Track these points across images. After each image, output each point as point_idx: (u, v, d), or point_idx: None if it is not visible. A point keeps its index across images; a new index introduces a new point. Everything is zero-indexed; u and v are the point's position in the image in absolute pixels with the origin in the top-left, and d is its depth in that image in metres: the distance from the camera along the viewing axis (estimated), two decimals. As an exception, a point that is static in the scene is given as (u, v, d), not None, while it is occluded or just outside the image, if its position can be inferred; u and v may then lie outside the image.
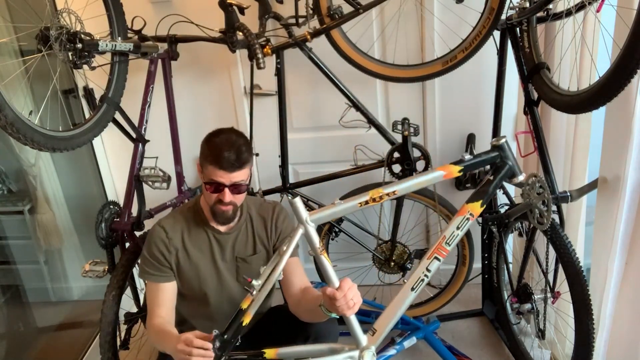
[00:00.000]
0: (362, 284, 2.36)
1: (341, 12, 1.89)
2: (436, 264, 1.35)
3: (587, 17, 1.52)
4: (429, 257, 1.35)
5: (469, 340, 2.23)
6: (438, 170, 1.35)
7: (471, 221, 1.36)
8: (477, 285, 2.32)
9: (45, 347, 2.39)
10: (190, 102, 2.42)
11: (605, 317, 1.61)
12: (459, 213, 1.37)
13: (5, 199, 2.42)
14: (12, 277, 2.43)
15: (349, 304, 1.26)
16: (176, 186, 2.17)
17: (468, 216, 1.35)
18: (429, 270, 1.36)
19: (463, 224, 1.36)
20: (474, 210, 1.36)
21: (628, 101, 1.37)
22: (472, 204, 1.37)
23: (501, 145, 1.40)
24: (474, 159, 1.38)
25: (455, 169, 1.35)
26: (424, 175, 1.35)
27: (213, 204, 1.51)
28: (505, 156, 1.39)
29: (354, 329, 1.36)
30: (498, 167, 1.40)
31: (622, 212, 1.47)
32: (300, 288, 1.54)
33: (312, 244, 1.32)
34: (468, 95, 2.29)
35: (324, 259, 1.30)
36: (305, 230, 1.31)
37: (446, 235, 1.36)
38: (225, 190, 1.46)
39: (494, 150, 1.40)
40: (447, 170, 1.35)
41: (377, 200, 1.32)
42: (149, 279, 1.56)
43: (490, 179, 1.39)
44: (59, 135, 1.49)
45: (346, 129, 2.10)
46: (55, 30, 1.45)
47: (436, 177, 1.36)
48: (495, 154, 1.40)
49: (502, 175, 1.39)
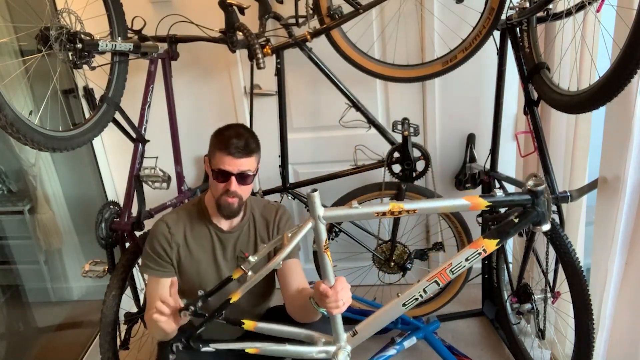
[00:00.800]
0: (362, 284, 2.37)
1: (341, 12, 1.89)
2: (434, 287, 1.33)
3: (587, 17, 1.52)
4: (429, 279, 1.33)
5: (469, 340, 2.23)
6: (464, 199, 1.28)
7: (482, 257, 1.30)
8: (477, 285, 2.33)
9: (45, 347, 2.39)
10: (190, 102, 2.42)
11: (605, 317, 1.61)
12: (472, 245, 1.31)
13: (5, 199, 2.42)
14: (12, 277, 2.43)
15: (338, 304, 1.26)
16: (176, 186, 2.17)
17: (480, 251, 1.29)
18: (425, 291, 1.33)
19: (473, 258, 1.30)
20: (488, 247, 1.29)
21: (628, 101, 1.37)
22: (488, 240, 1.30)
23: (537, 192, 1.28)
24: (505, 196, 1.29)
25: (482, 203, 1.27)
26: (449, 200, 1.29)
27: (219, 196, 1.51)
28: (538, 203, 1.29)
29: (336, 325, 1.36)
30: (526, 211, 1.29)
31: (622, 212, 1.47)
32: (298, 288, 1.54)
33: (319, 240, 1.30)
34: (468, 96, 2.29)
35: (326, 257, 1.30)
36: (316, 225, 1.29)
37: (453, 263, 1.32)
38: (232, 179, 1.48)
39: (528, 193, 1.29)
40: (474, 202, 1.26)
41: (394, 214, 1.27)
42: (150, 273, 1.56)
43: (514, 221, 1.30)
44: (59, 135, 1.49)
45: (346, 129, 2.10)
46: (55, 30, 1.45)
47: (462, 206, 1.28)
48: (528, 197, 1.28)
49: (527, 221, 1.29)
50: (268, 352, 1.37)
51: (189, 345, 1.37)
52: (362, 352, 2.06)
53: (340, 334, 1.37)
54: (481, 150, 2.32)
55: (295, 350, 1.36)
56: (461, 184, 2.38)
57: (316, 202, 1.29)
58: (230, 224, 1.61)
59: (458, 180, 2.40)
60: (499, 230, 1.31)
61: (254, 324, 1.39)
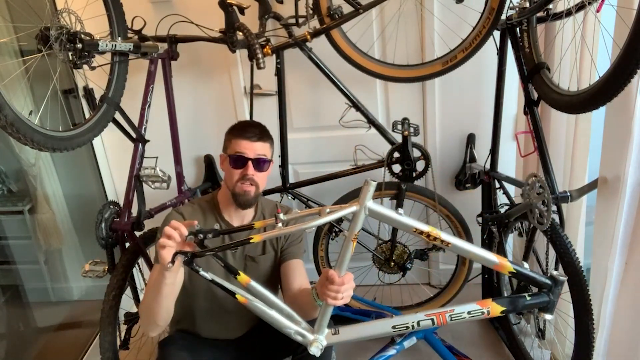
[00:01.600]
0: (362, 284, 2.37)
1: (341, 12, 1.89)
2: (428, 324, 1.34)
3: (587, 17, 1.52)
4: (427, 316, 1.34)
5: (469, 340, 2.23)
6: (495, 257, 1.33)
7: (484, 317, 1.34)
8: (477, 285, 2.32)
9: (45, 347, 2.39)
10: (190, 102, 2.42)
11: (605, 317, 1.61)
12: (479, 303, 1.34)
13: (5, 199, 2.42)
14: (12, 277, 2.43)
15: (338, 297, 1.26)
16: (176, 186, 2.17)
17: (485, 311, 1.33)
18: (419, 324, 1.34)
19: (476, 314, 1.33)
20: (494, 310, 1.33)
21: (628, 101, 1.37)
22: (495, 305, 1.34)
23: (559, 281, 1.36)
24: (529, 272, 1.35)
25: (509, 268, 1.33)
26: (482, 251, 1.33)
27: (235, 184, 1.54)
28: (554, 292, 1.36)
29: (324, 317, 1.35)
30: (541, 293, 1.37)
31: (622, 212, 1.47)
32: (299, 288, 1.55)
33: (353, 227, 1.29)
34: (468, 96, 2.29)
35: (351, 246, 1.29)
36: (358, 212, 1.27)
37: (455, 310, 1.33)
38: (249, 163, 1.52)
39: (550, 279, 1.37)
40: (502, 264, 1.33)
41: (430, 239, 1.31)
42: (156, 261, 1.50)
43: (526, 297, 1.36)
44: (59, 135, 1.49)
45: (346, 129, 2.10)
46: (55, 30, 1.45)
47: (490, 261, 1.33)
48: (549, 283, 1.36)
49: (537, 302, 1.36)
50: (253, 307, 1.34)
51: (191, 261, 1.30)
52: (362, 352, 2.07)
53: (322, 326, 1.36)
54: (481, 150, 2.32)
55: (277, 318, 1.35)
56: (461, 184, 2.38)
57: (370, 192, 1.26)
58: (241, 221, 1.63)
59: (458, 180, 2.40)
60: (510, 300, 1.36)
61: (247, 280, 1.36)
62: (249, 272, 1.60)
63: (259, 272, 1.62)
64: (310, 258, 2.54)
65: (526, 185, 1.62)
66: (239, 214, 1.63)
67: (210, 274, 1.34)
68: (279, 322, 1.35)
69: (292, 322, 1.36)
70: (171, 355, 1.51)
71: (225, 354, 1.62)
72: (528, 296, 1.36)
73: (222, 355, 1.61)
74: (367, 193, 1.26)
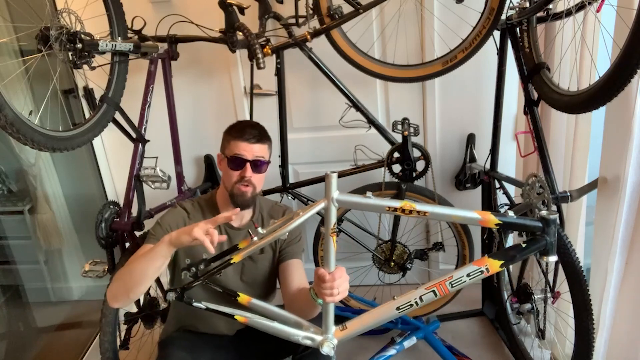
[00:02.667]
0: (362, 284, 2.37)
1: (341, 12, 1.89)
2: (431, 297, 1.32)
3: (587, 17, 1.52)
4: (428, 288, 1.33)
5: (469, 340, 2.23)
6: (476, 213, 1.29)
7: (484, 275, 1.30)
8: (477, 285, 2.33)
9: (45, 347, 2.39)
10: (190, 102, 2.42)
11: (605, 317, 1.61)
12: (476, 262, 1.31)
13: (5, 199, 2.42)
14: (12, 277, 2.44)
15: (333, 292, 1.26)
16: (176, 186, 2.17)
17: (483, 269, 1.29)
18: (421, 299, 1.33)
19: (475, 275, 1.29)
20: (492, 267, 1.29)
21: (628, 101, 1.37)
22: (492, 260, 1.30)
23: (549, 220, 1.30)
24: (516, 219, 1.30)
25: (493, 220, 1.28)
26: (461, 211, 1.31)
27: (233, 185, 1.54)
28: (548, 232, 1.30)
29: (327, 316, 1.35)
30: (536, 238, 1.32)
31: (622, 212, 1.47)
32: (298, 287, 1.55)
33: (328, 222, 1.29)
34: (468, 96, 2.29)
35: (331, 241, 1.29)
36: (328, 206, 1.28)
37: (454, 276, 1.31)
38: (247, 165, 1.53)
39: (540, 220, 1.31)
40: (485, 218, 1.28)
41: (405, 213, 1.27)
42: (149, 241, 1.51)
43: (522, 246, 1.31)
44: (59, 135, 1.49)
45: (346, 129, 2.10)
46: (55, 30, 1.45)
47: (473, 218, 1.29)
48: (539, 225, 1.31)
49: (535, 248, 1.31)
50: (255, 324, 1.36)
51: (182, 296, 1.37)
52: (362, 352, 2.07)
53: (329, 325, 1.36)
54: (481, 150, 2.32)
55: (282, 329, 1.36)
56: (461, 184, 2.38)
57: (333, 184, 1.27)
58: (240, 221, 1.63)
59: (458, 180, 2.40)
60: (506, 253, 1.32)
61: (248, 299, 1.39)
62: (247, 272, 1.61)
63: (257, 271, 1.62)
64: (310, 258, 2.54)
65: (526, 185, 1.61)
66: (238, 214, 1.63)
67: (204, 303, 1.38)
68: (284, 332, 1.36)
69: (298, 329, 1.36)
70: (170, 355, 1.51)
71: (225, 354, 1.62)
72: (523, 244, 1.31)
73: (221, 356, 1.61)
74: (331, 185, 1.27)
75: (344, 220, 2.27)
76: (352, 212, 2.27)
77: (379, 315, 1.37)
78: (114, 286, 1.42)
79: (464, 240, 2.17)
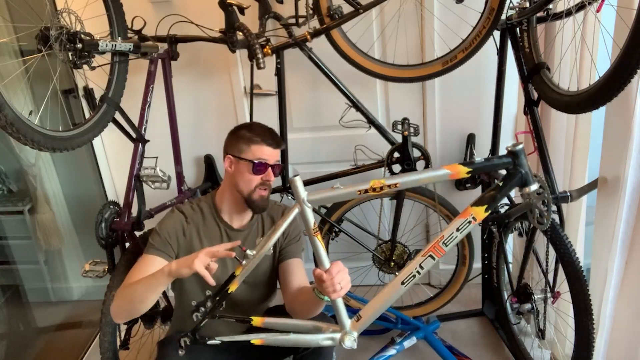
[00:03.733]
0: (362, 284, 2.38)
1: (341, 12, 1.89)
2: (430, 262, 1.32)
3: (587, 17, 1.52)
4: (424, 255, 1.32)
5: (469, 340, 2.23)
6: (445, 168, 1.31)
7: (472, 225, 1.30)
8: (477, 285, 2.33)
9: (45, 347, 2.39)
10: (190, 102, 2.42)
11: (605, 317, 1.61)
12: (461, 215, 1.32)
13: (5, 199, 2.42)
14: (12, 277, 2.44)
15: (335, 288, 1.26)
16: (176, 186, 2.17)
17: (470, 219, 1.29)
18: (422, 267, 1.32)
19: (464, 227, 1.30)
20: (478, 214, 1.29)
21: (628, 101, 1.37)
22: (476, 207, 1.30)
23: (516, 152, 1.30)
24: (485, 162, 1.30)
25: (463, 170, 1.29)
26: (430, 171, 1.31)
27: (253, 190, 1.54)
28: (519, 163, 1.30)
29: (339, 312, 1.36)
30: (510, 174, 1.32)
31: (622, 212, 1.47)
32: (299, 287, 1.55)
33: (307, 224, 1.32)
34: (468, 95, 2.29)
35: (317, 240, 1.30)
36: (302, 209, 1.31)
37: (445, 235, 1.32)
38: (270, 170, 1.55)
39: (508, 156, 1.31)
40: (455, 170, 1.28)
41: (377, 191, 1.28)
42: (151, 252, 1.52)
43: (499, 185, 1.31)
44: (59, 135, 1.49)
45: (346, 129, 2.10)
46: (55, 30, 1.45)
47: (442, 175, 1.31)
48: (509, 160, 1.31)
49: (512, 183, 1.31)
50: (272, 342, 1.37)
51: (195, 339, 1.38)
52: (362, 352, 2.07)
53: (344, 319, 1.37)
54: (481, 150, 2.32)
55: (300, 338, 1.37)
56: (461, 184, 2.38)
57: (299, 187, 1.30)
58: (240, 223, 1.63)
59: (458, 180, 2.40)
60: (487, 197, 1.31)
61: (262, 320, 1.41)
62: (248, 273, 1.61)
63: (258, 272, 1.62)
64: (310, 257, 2.55)
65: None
66: (239, 216, 1.63)
67: (218, 338, 1.41)
68: (302, 341, 1.38)
69: (316, 333, 1.38)
70: (168, 355, 1.51)
71: (225, 354, 1.62)
72: (500, 182, 1.31)
73: (221, 356, 1.61)
74: (298, 189, 1.30)
75: (344, 220, 2.27)
76: (352, 212, 2.27)
77: (387, 294, 1.37)
78: (116, 305, 1.45)
79: (464, 240, 2.17)
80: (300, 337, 1.37)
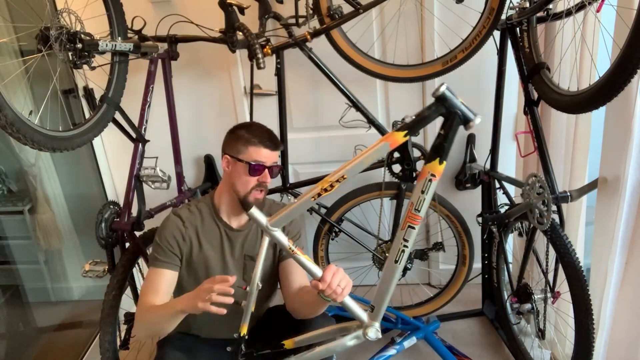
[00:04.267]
0: (362, 284, 2.37)
1: (341, 12, 1.89)
2: (412, 232, 1.29)
3: (587, 17, 1.52)
4: (403, 228, 1.32)
5: (469, 340, 2.23)
6: (382, 140, 1.25)
7: (434, 182, 1.25)
8: (477, 285, 2.33)
9: (45, 347, 2.39)
10: (190, 102, 2.42)
11: (605, 317, 1.61)
12: (420, 177, 1.28)
13: (5, 199, 2.42)
14: (12, 277, 2.43)
15: (337, 291, 1.26)
16: (176, 186, 2.17)
17: (430, 177, 1.25)
18: (406, 239, 1.30)
19: (427, 187, 1.26)
20: (434, 170, 1.25)
21: (628, 101, 1.37)
22: (430, 164, 1.25)
23: (442, 95, 1.23)
24: (416, 118, 1.24)
25: (399, 136, 1.23)
26: (368, 150, 1.28)
27: (249, 191, 1.54)
28: (451, 105, 1.24)
29: (352, 309, 1.36)
30: (447, 118, 1.26)
31: (622, 212, 1.47)
32: (299, 286, 1.55)
33: (282, 247, 1.35)
34: (468, 95, 2.26)
35: (300, 256, 1.32)
36: (270, 235, 1.34)
37: (413, 202, 1.30)
38: (266, 171, 1.54)
39: (437, 102, 1.24)
40: (392, 139, 1.23)
41: (328, 190, 1.29)
42: (156, 265, 1.53)
43: (441, 132, 1.25)
44: (59, 135, 1.49)
45: (346, 129, 2.10)
46: (55, 30, 1.45)
47: (381, 148, 1.25)
48: (439, 105, 1.24)
49: (454, 125, 1.25)
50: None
51: None
52: (362, 352, 2.07)
53: (359, 315, 1.37)
54: (481, 150, 2.32)
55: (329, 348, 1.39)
56: (461, 184, 2.38)
57: (257, 216, 1.33)
58: (239, 222, 1.62)
59: (458, 180, 2.40)
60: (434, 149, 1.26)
61: (293, 341, 1.43)
62: (248, 271, 1.61)
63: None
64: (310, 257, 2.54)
65: (526, 185, 1.62)
66: (237, 216, 1.62)
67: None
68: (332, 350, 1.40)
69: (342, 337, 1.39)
70: (167, 355, 1.51)
71: (224, 354, 1.62)
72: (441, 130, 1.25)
73: (220, 356, 1.61)
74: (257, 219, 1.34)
75: (344, 220, 2.27)
76: (352, 212, 2.27)
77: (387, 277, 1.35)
78: (137, 329, 1.54)
79: (464, 240, 2.18)
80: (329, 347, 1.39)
